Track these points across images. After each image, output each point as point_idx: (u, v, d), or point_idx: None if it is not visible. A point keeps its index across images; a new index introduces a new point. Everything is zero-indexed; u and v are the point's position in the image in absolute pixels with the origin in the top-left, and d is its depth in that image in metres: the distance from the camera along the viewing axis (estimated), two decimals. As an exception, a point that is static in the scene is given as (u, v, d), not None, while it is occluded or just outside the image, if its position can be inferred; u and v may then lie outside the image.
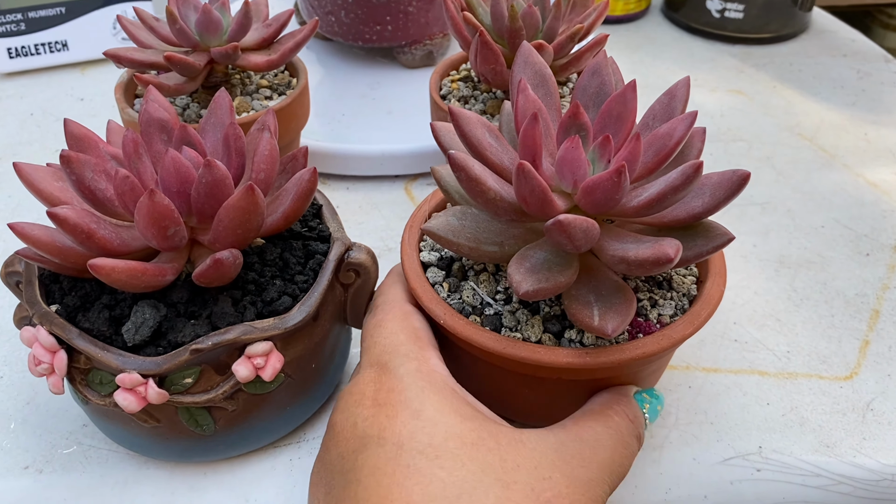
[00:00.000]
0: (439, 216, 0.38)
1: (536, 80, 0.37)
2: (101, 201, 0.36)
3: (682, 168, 0.31)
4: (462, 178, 0.33)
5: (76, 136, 0.38)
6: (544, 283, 0.33)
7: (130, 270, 0.33)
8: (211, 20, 0.45)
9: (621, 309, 0.33)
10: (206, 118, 0.40)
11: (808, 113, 0.68)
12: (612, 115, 0.35)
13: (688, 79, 0.37)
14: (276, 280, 0.38)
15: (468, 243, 0.36)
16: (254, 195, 0.34)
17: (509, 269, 0.33)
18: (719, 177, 0.34)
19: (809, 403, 0.43)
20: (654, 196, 0.32)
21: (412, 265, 0.39)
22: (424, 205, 0.42)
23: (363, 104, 0.66)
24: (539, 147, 0.32)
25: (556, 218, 0.30)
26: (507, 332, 0.35)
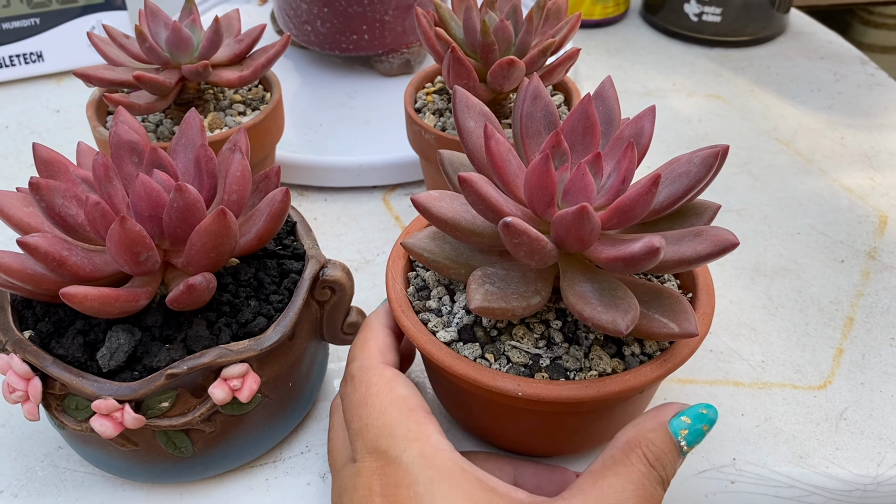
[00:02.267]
0: (417, 234, 0.38)
1: (481, 119, 0.37)
2: (72, 227, 0.35)
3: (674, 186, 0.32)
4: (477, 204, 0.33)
5: (45, 160, 0.38)
6: (503, 304, 0.33)
7: (103, 298, 0.33)
8: (181, 38, 0.45)
9: (626, 306, 0.33)
10: (177, 138, 0.40)
11: (785, 117, 0.68)
12: (576, 131, 0.36)
13: (610, 79, 0.38)
14: (251, 300, 0.38)
15: (445, 261, 0.37)
16: (226, 219, 0.34)
17: (469, 289, 0.33)
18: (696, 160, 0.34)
19: (783, 414, 0.44)
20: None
21: (399, 300, 0.38)
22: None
23: (341, 114, 0.65)
24: (553, 191, 0.32)
25: (503, 220, 0.31)
26: (576, 374, 0.35)
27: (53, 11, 0.71)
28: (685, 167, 0.35)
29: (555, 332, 0.37)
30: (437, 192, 0.36)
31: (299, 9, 0.65)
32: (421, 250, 0.37)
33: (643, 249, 0.30)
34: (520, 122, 0.37)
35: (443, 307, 0.38)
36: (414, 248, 0.37)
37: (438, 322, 0.37)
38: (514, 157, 0.35)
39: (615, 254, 0.32)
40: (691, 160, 0.35)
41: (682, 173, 0.35)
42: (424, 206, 0.34)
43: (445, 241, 0.38)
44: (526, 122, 0.37)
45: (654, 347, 0.37)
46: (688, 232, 0.35)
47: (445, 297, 0.39)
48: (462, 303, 0.38)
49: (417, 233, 0.38)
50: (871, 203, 0.59)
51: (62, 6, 0.71)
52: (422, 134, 0.49)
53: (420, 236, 0.38)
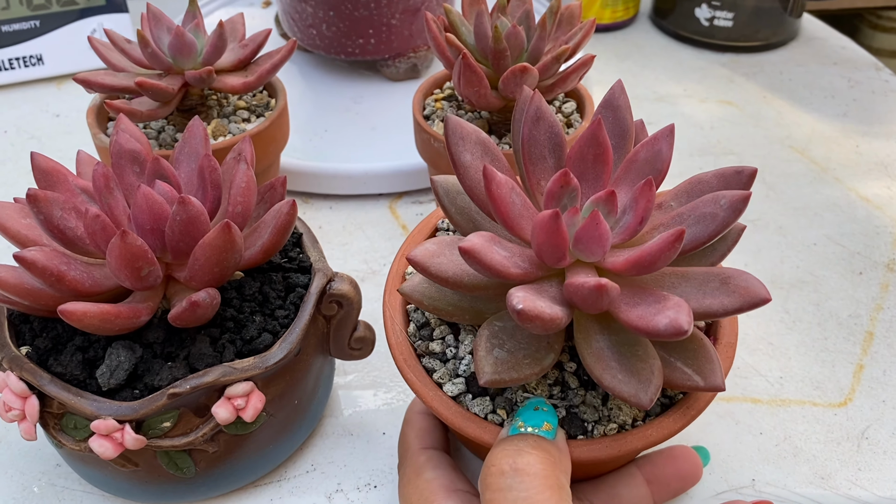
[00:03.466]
0: (415, 278, 0.34)
1: (478, 149, 0.33)
2: (70, 240, 0.34)
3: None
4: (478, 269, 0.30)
5: (44, 169, 0.37)
6: (515, 374, 0.30)
7: (103, 315, 0.32)
8: (184, 43, 0.44)
9: (648, 371, 0.30)
10: (180, 147, 0.39)
11: (799, 124, 0.67)
12: (586, 160, 0.32)
13: (621, 84, 0.34)
14: (256, 316, 0.37)
15: (448, 307, 0.33)
16: (230, 233, 0.33)
17: (477, 356, 0.30)
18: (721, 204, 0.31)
19: (803, 432, 0.42)
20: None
21: (409, 362, 0.35)
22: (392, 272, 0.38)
23: (346, 119, 0.64)
24: (564, 247, 0.30)
25: (513, 306, 0.27)
26: (595, 426, 0.33)
27: (54, 14, 0.69)
28: (711, 208, 0.31)
29: (569, 375, 0.34)
30: (434, 243, 0.32)
31: (304, 12, 0.64)
32: (421, 297, 0.33)
33: (669, 329, 0.27)
34: (521, 146, 0.34)
35: (447, 350, 0.35)
36: (413, 295, 0.33)
37: (444, 372, 0.34)
38: (517, 197, 0.31)
39: (636, 322, 0.29)
40: (717, 201, 0.31)
41: (708, 215, 0.31)
42: (423, 265, 0.31)
43: None
44: (528, 148, 0.33)
45: (675, 390, 0.34)
46: (713, 275, 0.31)
47: (449, 336, 0.35)
48: (468, 346, 0.35)
49: (415, 276, 0.34)
50: (888, 213, 0.57)
51: (62, 8, 0.69)
52: (430, 142, 0.48)
53: (416, 280, 0.34)
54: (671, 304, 0.28)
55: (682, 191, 0.34)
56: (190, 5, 0.47)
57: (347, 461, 0.41)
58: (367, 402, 0.44)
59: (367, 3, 0.62)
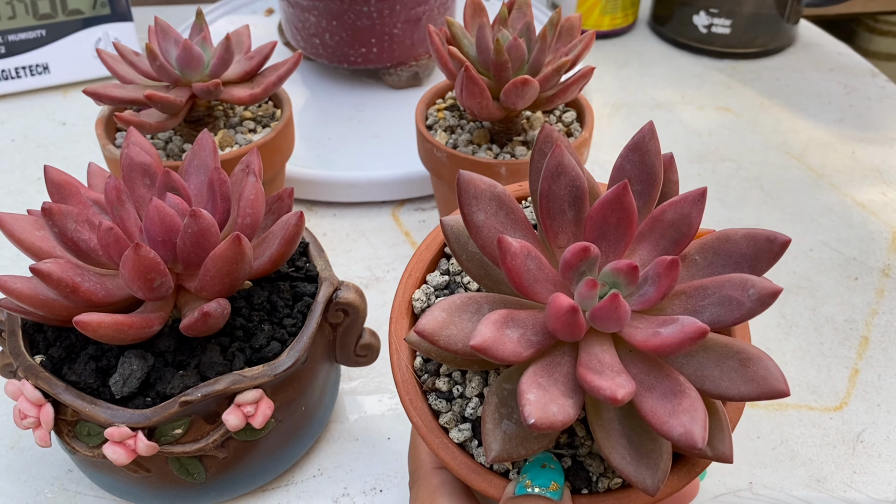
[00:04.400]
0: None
1: (493, 206, 0.32)
2: (84, 252, 0.35)
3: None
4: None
5: (57, 182, 0.37)
6: (523, 451, 0.29)
7: (117, 325, 0.33)
8: (192, 56, 0.44)
9: (657, 455, 0.29)
10: (190, 160, 0.40)
11: (795, 130, 0.68)
12: (608, 222, 0.30)
13: (652, 126, 0.33)
14: (265, 324, 0.38)
15: (458, 358, 0.32)
16: (241, 245, 0.34)
17: (485, 429, 0.29)
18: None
19: (800, 436, 0.43)
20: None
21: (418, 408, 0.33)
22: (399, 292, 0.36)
23: (349, 127, 0.65)
24: (581, 330, 0.28)
25: (525, 418, 0.26)
26: (599, 478, 0.32)
27: (59, 23, 0.70)
28: (738, 293, 0.29)
29: (576, 424, 0.33)
30: (443, 310, 0.30)
31: (307, 21, 0.65)
32: (429, 348, 0.32)
33: (682, 440, 0.26)
34: (540, 201, 0.32)
35: (454, 388, 0.34)
36: (420, 346, 0.32)
37: (450, 417, 0.33)
38: (532, 263, 0.30)
39: (649, 418, 0.27)
40: (746, 289, 0.29)
41: (734, 300, 0.29)
42: (432, 338, 0.29)
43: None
44: (547, 203, 0.32)
45: None
46: (732, 352, 0.30)
47: (456, 372, 0.34)
48: (476, 388, 0.34)
49: (423, 321, 0.31)
50: (883, 219, 0.58)
51: (68, 18, 0.70)
52: (433, 152, 0.49)
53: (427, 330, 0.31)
54: (686, 405, 0.27)
55: (709, 247, 0.31)
56: (197, 18, 0.48)
57: (353, 466, 0.42)
58: (373, 408, 0.45)
59: (370, 12, 0.63)
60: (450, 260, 0.37)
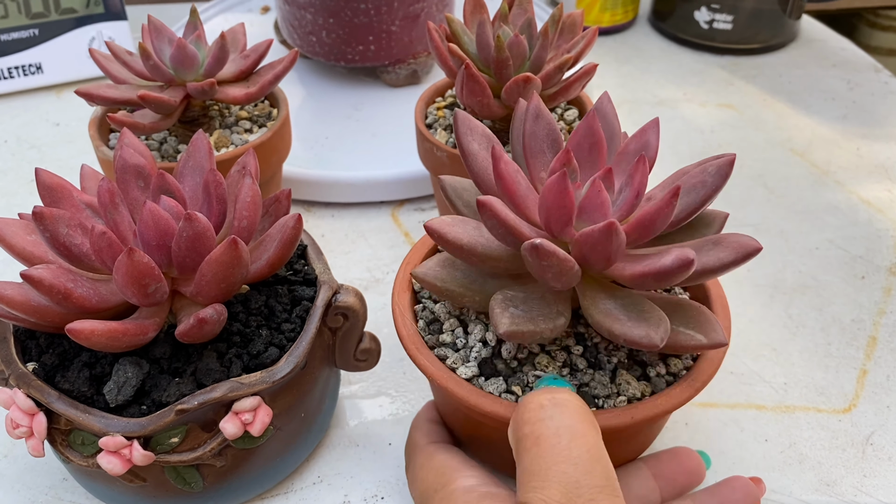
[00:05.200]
0: (427, 262, 0.37)
1: (484, 141, 0.37)
2: (76, 257, 0.34)
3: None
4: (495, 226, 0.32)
5: (49, 185, 0.36)
6: (532, 326, 0.32)
7: (110, 333, 0.32)
8: (186, 55, 0.44)
9: (656, 320, 0.32)
10: (184, 161, 0.39)
11: (799, 127, 0.67)
12: (583, 148, 0.35)
13: (607, 94, 0.38)
14: (262, 329, 0.37)
15: (459, 289, 0.36)
16: (237, 249, 0.33)
17: (493, 313, 0.32)
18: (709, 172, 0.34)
19: (808, 439, 0.43)
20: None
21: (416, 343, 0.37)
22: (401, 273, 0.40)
23: (347, 126, 0.64)
24: (571, 210, 0.32)
25: (531, 243, 0.30)
26: (605, 401, 0.34)
27: (53, 22, 0.69)
28: (699, 177, 0.34)
29: (577, 357, 0.36)
30: (450, 217, 0.35)
31: (304, 19, 0.64)
32: (434, 279, 0.36)
33: (676, 262, 0.30)
34: (522, 141, 0.37)
35: (458, 340, 0.37)
36: (426, 277, 0.36)
37: (457, 357, 0.36)
38: (523, 178, 0.35)
39: (643, 269, 0.31)
40: (705, 170, 0.35)
41: (697, 184, 0.34)
42: (439, 232, 0.33)
43: (456, 267, 0.36)
44: (529, 142, 0.36)
45: (679, 366, 0.36)
46: (706, 241, 0.34)
47: (458, 329, 0.37)
48: (478, 335, 0.37)
49: (427, 261, 0.37)
50: (889, 216, 0.57)
51: (61, 17, 0.69)
52: (433, 151, 0.48)
53: (430, 265, 0.36)
54: (674, 250, 0.30)
55: (668, 181, 0.36)
56: (191, 16, 0.47)
57: (354, 472, 0.41)
58: (373, 413, 0.44)
59: (367, 10, 0.62)
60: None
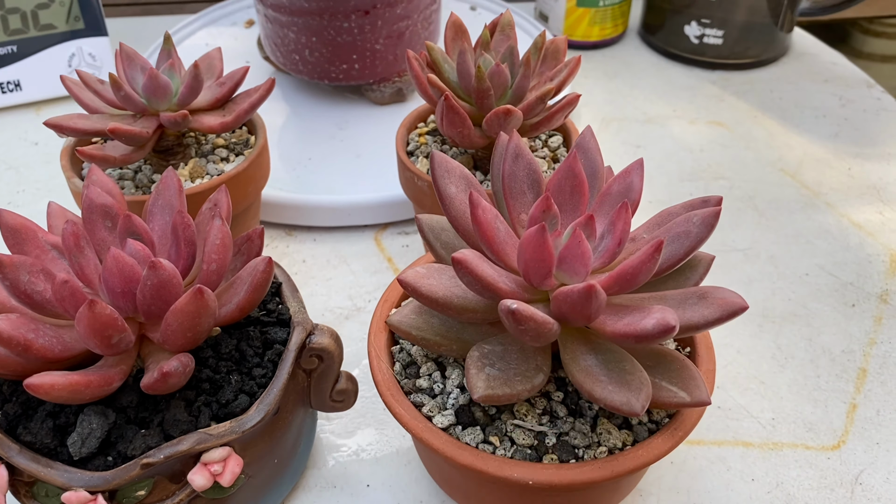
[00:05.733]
0: (402, 310, 0.36)
1: (462, 183, 0.36)
2: (38, 304, 0.33)
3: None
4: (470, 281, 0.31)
5: (12, 227, 0.35)
6: (508, 390, 0.31)
7: (72, 386, 0.31)
8: (158, 85, 0.42)
9: (637, 382, 0.31)
10: (154, 199, 0.38)
11: (790, 146, 0.66)
12: (563, 191, 0.35)
13: (590, 129, 0.37)
14: (233, 375, 0.36)
15: (436, 338, 0.35)
16: (203, 298, 0.32)
17: (469, 374, 0.31)
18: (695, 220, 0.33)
19: (796, 478, 0.42)
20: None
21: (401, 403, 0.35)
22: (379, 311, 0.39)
23: (331, 146, 0.63)
24: (551, 263, 0.31)
25: (506, 306, 0.29)
26: (585, 451, 0.33)
27: (31, 38, 0.68)
28: (684, 227, 0.34)
29: (557, 404, 0.35)
30: (423, 267, 0.34)
31: (286, 38, 0.63)
32: (409, 328, 0.35)
33: (657, 328, 0.29)
34: (501, 181, 0.36)
35: (434, 385, 0.36)
36: (401, 326, 0.35)
37: (433, 405, 0.35)
38: (501, 224, 0.34)
39: (625, 329, 0.30)
40: (690, 220, 0.34)
41: (682, 233, 0.33)
42: (413, 285, 0.32)
43: (433, 314, 0.36)
44: (508, 182, 0.36)
45: (661, 413, 0.35)
46: (690, 293, 0.33)
47: (436, 373, 0.36)
48: (455, 380, 0.36)
49: (402, 308, 0.36)
50: (881, 240, 0.57)
51: (40, 33, 0.68)
52: (414, 181, 0.47)
53: (405, 312, 0.36)
54: (656, 310, 0.29)
55: (654, 223, 0.36)
56: (164, 43, 0.45)
57: (331, 516, 0.40)
58: (351, 452, 0.43)
59: (350, 28, 0.61)
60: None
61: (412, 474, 0.42)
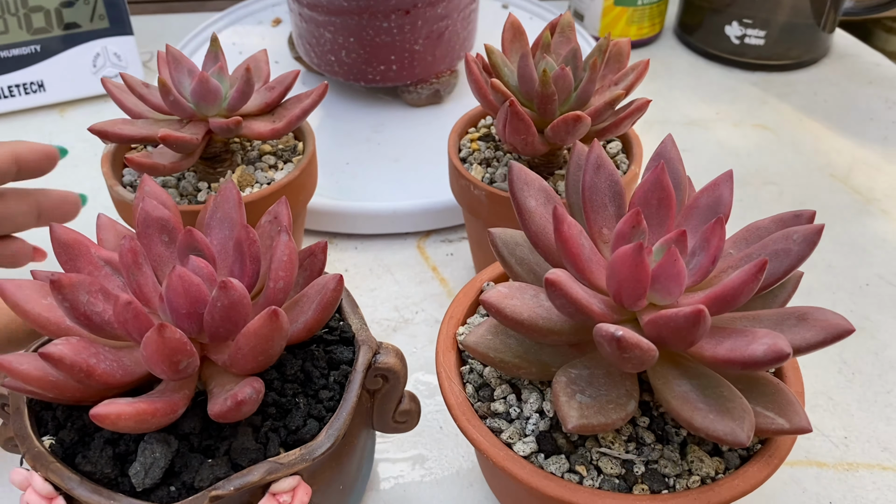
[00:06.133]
0: (477, 330, 0.34)
1: (542, 196, 0.34)
2: (98, 325, 0.31)
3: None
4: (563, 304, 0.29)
5: (65, 243, 0.33)
6: (603, 419, 0.29)
7: (139, 416, 0.29)
8: (209, 90, 0.40)
9: (739, 410, 0.29)
10: (212, 212, 0.36)
11: (838, 150, 0.64)
12: (650, 204, 0.33)
13: (671, 137, 0.36)
14: (299, 398, 0.34)
15: (515, 360, 0.33)
16: (277, 321, 0.30)
17: (559, 402, 0.29)
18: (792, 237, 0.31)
19: (875, 500, 0.40)
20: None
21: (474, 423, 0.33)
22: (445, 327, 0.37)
23: (368, 150, 0.61)
24: (646, 284, 0.29)
25: (613, 334, 0.27)
26: (676, 480, 0.31)
27: (55, 37, 0.66)
28: (783, 244, 0.32)
29: (643, 430, 0.33)
30: (505, 286, 0.32)
31: (322, 38, 0.61)
32: (486, 350, 0.33)
33: (770, 355, 0.27)
34: (581, 194, 0.34)
35: (511, 409, 0.34)
36: (477, 347, 0.33)
37: (512, 431, 0.33)
38: (586, 241, 0.32)
39: (728, 355, 0.28)
40: (790, 237, 0.32)
41: (781, 252, 0.32)
42: (497, 307, 0.30)
43: (509, 334, 0.34)
44: (589, 195, 0.34)
45: (753, 439, 0.33)
46: (788, 314, 0.32)
47: (511, 395, 0.35)
48: (534, 404, 0.34)
49: (477, 328, 0.34)
50: (940, 249, 0.55)
51: (64, 32, 0.66)
52: (470, 189, 0.45)
53: (481, 332, 0.34)
54: (762, 334, 0.28)
55: (741, 238, 0.34)
56: (211, 45, 0.43)
57: (393, 542, 0.38)
58: (408, 474, 0.41)
59: (390, 28, 0.59)
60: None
61: (476, 497, 0.40)
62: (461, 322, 0.38)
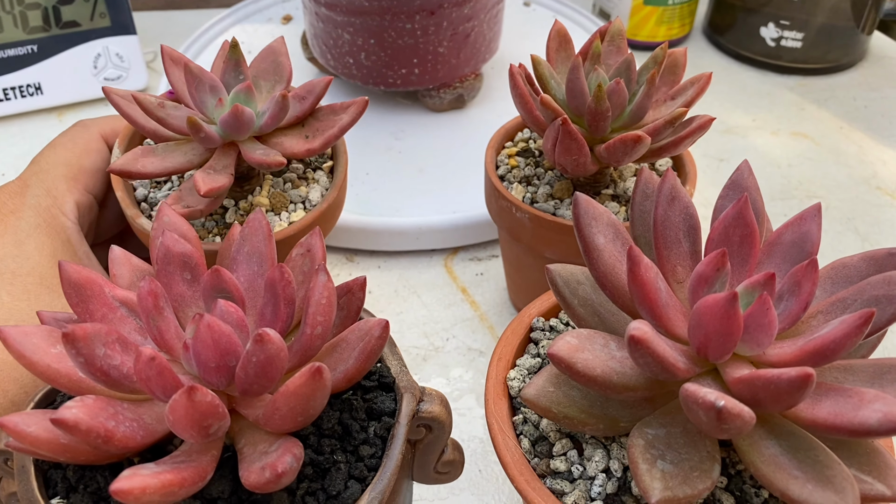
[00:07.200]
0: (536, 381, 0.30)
1: (611, 232, 0.31)
2: (116, 381, 0.28)
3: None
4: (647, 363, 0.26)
5: (76, 283, 0.30)
6: (689, 490, 0.26)
7: (165, 488, 0.26)
8: (242, 122, 0.36)
9: (841, 480, 0.26)
10: (239, 246, 0.32)
11: (884, 161, 0.61)
12: (731, 241, 0.30)
13: (748, 163, 0.32)
14: (337, 455, 0.31)
15: (580, 415, 0.29)
16: (321, 380, 0.26)
17: (638, 471, 0.26)
18: None
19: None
20: None
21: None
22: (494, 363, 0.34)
23: (389, 159, 0.57)
24: (737, 337, 0.26)
25: (713, 404, 0.24)
26: None
27: (53, 37, 0.62)
28: (884, 289, 0.29)
29: (720, 491, 0.30)
30: (573, 337, 0.28)
31: (340, 39, 0.57)
32: (549, 404, 0.30)
33: (885, 425, 0.24)
34: (654, 229, 0.31)
35: (573, 467, 0.31)
36: (539, 401, 0.30)
37: (577, 494, 0.30)
38: (663, 284, 0.28)
39: (833, 420, 0.25)
40: (892, 282, 0.28)
41: (883, 297, 0.28)
42: (569, 363, 0.27)
43: (572, 386, 0.30)
44: (662, 230, 0.31)
45: None
46: (884, 366, 0.29)
47: (572, 451, 0.31)
48: (599, 463, 0.30)
49: (536, 379, 0.30)
50: None
51: (63, 31, 0.62)
52: (512, 211, 0.41)
53: (539, 384, 0.30)
54: (869, 396, 0.25)
55: (825, 277, 0.31)
56: (231, 51, 0.39)
57: None
58: (450, 524, 0.38)
59: (413, 30, 0.55)
60: (538, 344, 0.35)
61: (522, 551, 0.37)
62: (510, 364, 0.35)
